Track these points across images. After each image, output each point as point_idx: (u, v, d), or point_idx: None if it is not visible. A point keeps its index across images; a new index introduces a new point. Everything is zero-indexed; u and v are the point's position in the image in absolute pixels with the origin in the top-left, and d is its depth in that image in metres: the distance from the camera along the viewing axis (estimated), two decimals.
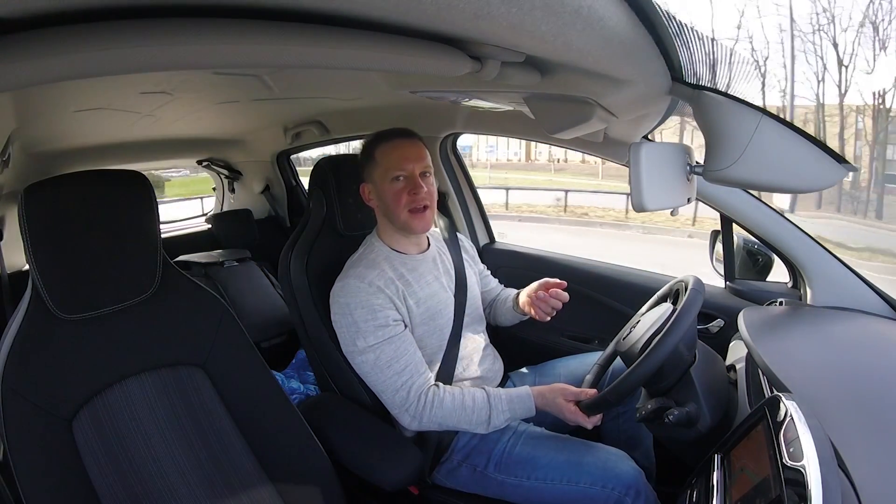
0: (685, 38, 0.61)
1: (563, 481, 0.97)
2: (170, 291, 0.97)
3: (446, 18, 0.44)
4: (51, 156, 1.64)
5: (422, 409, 1.00)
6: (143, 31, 0.39)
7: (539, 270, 1.61)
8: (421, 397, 1.00)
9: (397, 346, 1.00)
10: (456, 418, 1.00)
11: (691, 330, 0.93)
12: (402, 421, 1.02)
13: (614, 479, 0.95)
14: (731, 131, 0.69)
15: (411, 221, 1.06)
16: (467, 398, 1.01)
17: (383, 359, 0.99)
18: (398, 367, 0.99)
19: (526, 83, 0.71)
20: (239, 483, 0.93)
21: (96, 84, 0.96)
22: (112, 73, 0.42)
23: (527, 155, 21.99)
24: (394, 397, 1.00)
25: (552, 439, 1.06)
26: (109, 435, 0.85)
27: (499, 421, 1.01)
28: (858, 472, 0.56)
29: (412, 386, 1.00)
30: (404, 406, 1.00)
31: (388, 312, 1.01)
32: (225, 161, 2.47)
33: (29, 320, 0.83)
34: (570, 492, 0.97)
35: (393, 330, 1.01)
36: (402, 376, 0.99)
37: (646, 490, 0.96)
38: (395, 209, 1.06)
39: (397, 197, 1.05)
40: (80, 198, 0.86)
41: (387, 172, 1.06)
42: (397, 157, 1.06)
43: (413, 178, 1.05)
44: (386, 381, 1.00)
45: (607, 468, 0.97)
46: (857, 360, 0.80)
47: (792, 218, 1.17)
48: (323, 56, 0.50)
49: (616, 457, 1.00)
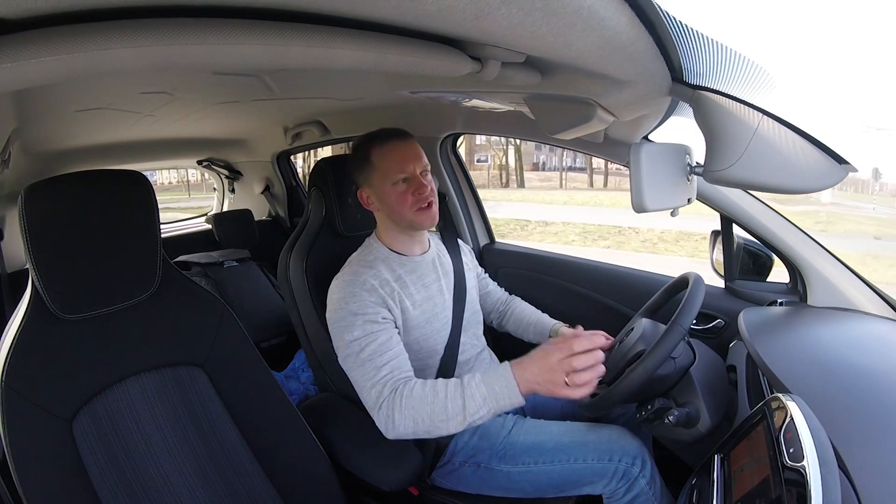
0: (685, 38, 0.60)
1: (570, 460, 0.99)
2: (170, 291, 0.97)
3: (447, 19, 0.44)
4: (51, 156, 1.65)
5: (393, 403, 0.92)
6: (143, 31, 0.39)
7: (539, 270, 1.62)
8: (395, 392, 0.92)
9: (382, 342, 0.97)
10: (428, 408, 0.88)
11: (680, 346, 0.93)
12: (379, 424, 0.94)
13: (620, 450, 0.98)
14: (731, 132, 0.69)
15: (418, 218, 1.06)
16: (439, 385, 0.90)
17: (366, 352, 0.96)
18: (379, 363, 0.95)
19: (526, 83, 0.71)
20: (238, 483, 0.93)
21: (96, 84, 0.96)
22: (112, 72, 0.42)
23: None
24: (370, 393, 0.95)
25: (555, 425, 1.07)
26: (109, 435, 0.85)
27: (474, 405, 0.85)
28: (858, 472, 0.56)
29: (388, 382, 0.94)
30: (378, 403, 0.93)
31: (379, 310, 1.00)
32: (225, 161, 2.47)
33: (29, 320, 0.83)
34: (579, 469, 0.99)
35: (381, 327, 0.99)
36: (380, 371, 0.94)
37: (650, 460, 0.99)
38: (401, 210, 1.05)
39: (402, 199, 1.04)
40: (80, 198, 0.86)
41: (388, 176, 1.04)
42: (397, 159, 1.05)
43: (415, 178, 1.05)
44: (365, 375, 0.95)
45: (611, 441, 1.00)
46: (857, 360, 0.80)
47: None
48: (323, 56, 0.50)
49: (619, 432, 1.03)
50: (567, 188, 17.95)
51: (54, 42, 0.37)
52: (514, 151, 17.78)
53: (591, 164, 18.99)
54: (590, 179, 18.98)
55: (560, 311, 1.36)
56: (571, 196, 15.64)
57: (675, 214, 0.82)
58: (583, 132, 0.90)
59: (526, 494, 1.03)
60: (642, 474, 0.97)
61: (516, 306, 1.36)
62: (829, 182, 0.71)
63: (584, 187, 17.87)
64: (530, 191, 17.06)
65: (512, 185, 17.71)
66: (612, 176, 17.79)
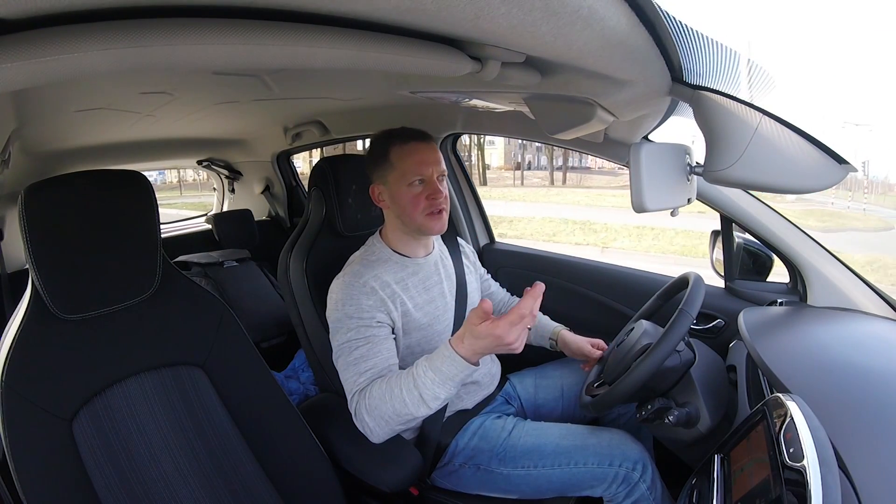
0: (685, 38, 0.60)
1: (570, 464, 0.99)
2: (169, 291, 0.97)
3: (446, 19, 0.44)
4: (51, 156, 1.64)
5: (361, 409, 0.93)
6: (143, 31, 0.39)
7: (539, 270, 1.62)
8: (361, 398, 0.94)
9: (371, 347, 0.97)
10: (389, 406, 0.89)
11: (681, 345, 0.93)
12: (358, 426, 0.95)
13: (620, 455, 0.98)
14: (731, 132, 0.69)
15: (428, 223, 1.05)
16: (394, 380, 0.90)
17: (354, 355, 0.96)
18: (362, 368, 0.95)
19: (526, 83, 0.71)
20: (238, 483, 0.93)
21: (96, 84, 0.96)
22: (112, 72, 0.42)
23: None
24: (349, 397, 0.96)
25: (555, 428, 1.07)
26: (109, 435, 0.85)
27: (429, 392, 0.85)
28: (858, 472, 0.56)
29: (361, 387, 0.94)
30: (353, 409, 0.95)
31: (376, 314, 1.00)
32: (225, 161, 2.47)
33: (29, 320, 0.83)
34: (579, 473, 0.99)
35: (374, 331, 0.99)
36: (361, 376, 0.95)
37: (651, 465, 0.98)
38: (413, 212, 1.04)
39: (415, 201, 1.03)
40: (80, 198, 0.86)
41: (404, 176, 1.03)
42: (416, 161, 1.03)
43: (432, 182, 1.04)
44: (348, 378, 0.97)
45: (612, 446, 1.00)
46: (857, 360, 0.80)
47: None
48: (323, 56, 0.50)
49: (620, 436, 1.03)
50: (526, 185, 20.00)
51: (54, 42, 0.37)
52: (476, 150, 19.29)
53: (552, 163, 20.22)
54: (550, 177, 20.77)
55: (560, 311, 1.36)
56: (529, 192, 17.36)
57: (675, 214, 0.82)
58: (583, 132, 0.90)
59: (525, 496, 1.03)
60: (643, 479, 0.96)
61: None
62: (828, 182, 0.71)
63: (545, 184, 20.19)
64: (493, 188, 18.62)
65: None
66: (571, 172, 20.69)
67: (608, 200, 14.42)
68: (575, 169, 21.78)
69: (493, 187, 18.45)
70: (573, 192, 17.49)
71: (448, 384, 0.85)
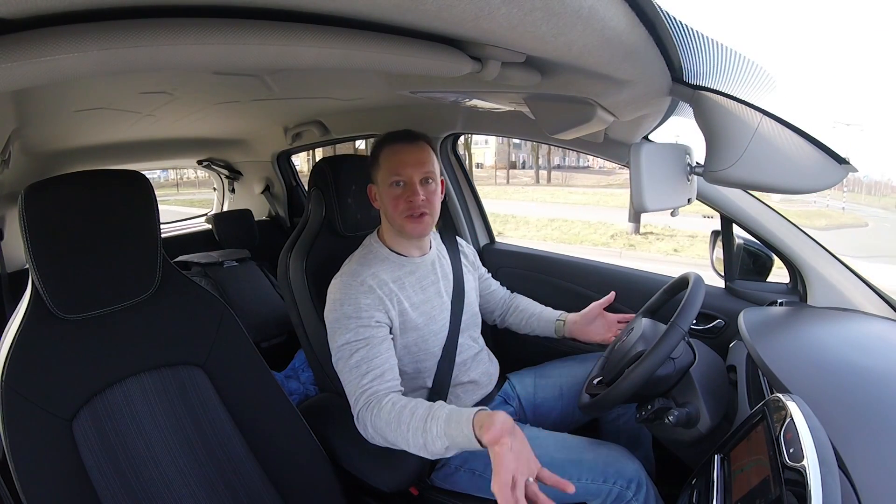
0: (685, 38, 0.60)
1: (562, 478, 0.97)
2: (170, 291, 0.97)
3: (447, 19, 0.44)
4: (51, 156, 1.64)
5: (366, 417, 0.94)
6: (143, 31, 0.39)
7: (539, 270, 1.62)
8: (367, 407, 0.94)
9: (370, 349, 0.97)
10: (392, 434, 0.89)
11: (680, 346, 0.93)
12: (359, 429, 0.96)
13: (615, 473, 0.96)
14: (731, 132, 0.69)
15: (406, 225, 1.06)
16: (405, 414, 0.89)
17: (354, 358, 0.97)
18: (364, 370, 0.96)
19: (526, 83, 0.71)
20: (238, 483, 0.93)
21: (96, 84, 0.96)
22: (112, 72, 0.42)
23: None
24: (352, 398, 0.97)
25: (551, 438, 1.05)
26: (109, 435, 0.85)
27: (435, 448, 0.85)
28: (858, 472, 0.56)
29: (365, 392, 0.95)
30: (356, 410, 0.96)
31: (374, 313, 1.00)
32: (225, 161, 2.47)
33: (29, 320, 0.83)
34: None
35: (373, 331, 0.99)
36: (363, 379, 0.95)
37: (647, 483, 0.96)
38: (393, 213, 1.06)
39: (394, 202, 1.05)
40: (80, 198, 0.86)
41: (387, 176, 1.05)
42: (397, 162, 1.04)
43: (411, 184, 1.04)
44: (350, 381, 0.97)
45: (608, 463, 0.97)
46: (857, 360, 0.80)
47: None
48: (323, 56, 0.50)
49: (617, 452, 1.00)
50: (513, 184, 20.86)
51: (54, 42, 0.37)
52: (463, 149, 19.80)
53: (537, 163, 20.66)
54: (536, 175, 21.56)
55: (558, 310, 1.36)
56: (517, 190, 18.19)
57: (675, 214, 0.82)
58: (583, 132, 0.90)
59: None
60: (636, 498, 0.94)
61: (519, 302, 1.37)
62: (828, 182, 0.71)
63: (531, 183, 21.13)
64: (480, 186, 19.51)
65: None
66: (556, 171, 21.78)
67: (570, 198, 15.93)
68: (560, 168, 22.66)
69: (479, 185, 19.17)
70: (554, 190, 18.20)
71: (454, 450, 0.86)
